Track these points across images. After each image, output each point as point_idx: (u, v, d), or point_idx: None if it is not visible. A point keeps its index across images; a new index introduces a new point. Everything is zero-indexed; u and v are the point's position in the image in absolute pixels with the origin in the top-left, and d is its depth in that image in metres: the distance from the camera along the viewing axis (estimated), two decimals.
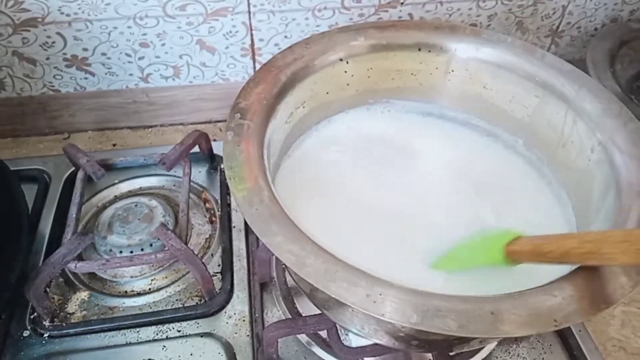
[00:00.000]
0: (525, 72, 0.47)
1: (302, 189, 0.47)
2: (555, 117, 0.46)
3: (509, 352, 0.50)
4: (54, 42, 0.62)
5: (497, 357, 0.49)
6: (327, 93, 0.50)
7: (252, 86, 0.44)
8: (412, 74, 0.51)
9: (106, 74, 0.67)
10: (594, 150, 0.42)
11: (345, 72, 0.49)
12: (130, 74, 0.67)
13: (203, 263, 0.51)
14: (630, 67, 0.68)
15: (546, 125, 0.47)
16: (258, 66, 0.69)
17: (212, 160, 0.66)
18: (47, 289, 0.52)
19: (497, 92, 0.50)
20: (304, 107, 0.48)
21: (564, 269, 0.33)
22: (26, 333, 0.49)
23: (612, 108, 0.42)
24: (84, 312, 0.52)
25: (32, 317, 0.50)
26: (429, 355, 0.47)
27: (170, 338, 0.49)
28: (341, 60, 0.48)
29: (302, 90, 0.47)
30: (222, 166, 0.66)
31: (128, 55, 0.65)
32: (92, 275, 0.55)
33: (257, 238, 0.57)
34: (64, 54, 0.64)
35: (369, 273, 0.31)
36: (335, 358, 0.48)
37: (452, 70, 0.51)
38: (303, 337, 0.50)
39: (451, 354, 0.44)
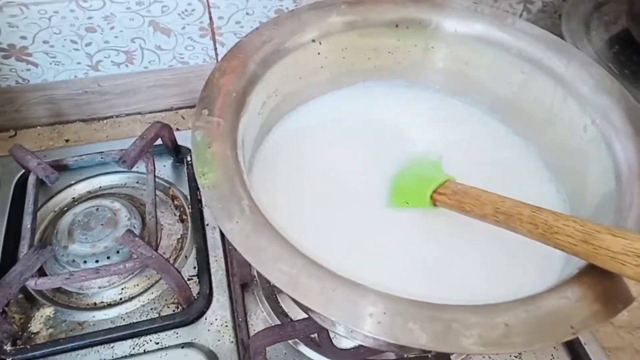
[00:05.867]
0: (510, 46, 0.44)
1: (280, 185, 0.43)
2: (543, 94, 0.43)
3: None
4: None
5: None
6: (300, 78, 0.46)
7: (217, 76, 0.39)
8: (389, 52, 0.48)
9: (51, 63, 0.60)
10: (587, 129, 0.40)
11: (319, 53, 0.45)
12: (78, 62, 0.61)
13: (177, 269, 0.47)
14: (604, 31, 0.66)
15: (533, 102, 0.45)
16: (219, 47, 0.64)
17: (177, 153, 0.61)
18: (6, 309, 0.47)
19: (479, 68, 0.47)
20: (276, 95, 0.44)
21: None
22: None
23: (604, 84, 0.40)
24: (50, 330, 0.47)
25: None
26: None
27: (149, 352, 0.46)
28: (313, 41, 0.44)
29: (273, 77, 0.43)
30: (188, 159, 0.61)
31: (74, 42, 0.59)
32: (57, 288, 0.50)
33: None
34: None
35: (368, 286, 0.28)
36: (326, 358, 0.46)
37: (432, 47, 0.47)
38: None
39: None
